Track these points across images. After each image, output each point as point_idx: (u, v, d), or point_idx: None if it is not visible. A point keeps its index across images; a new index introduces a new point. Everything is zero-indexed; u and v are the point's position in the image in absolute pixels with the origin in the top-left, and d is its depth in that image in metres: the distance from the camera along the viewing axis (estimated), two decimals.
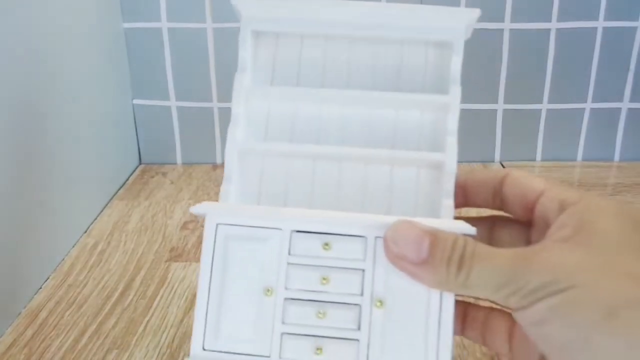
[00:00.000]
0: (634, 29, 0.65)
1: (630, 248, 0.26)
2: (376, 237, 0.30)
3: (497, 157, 0.70)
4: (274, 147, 0.33)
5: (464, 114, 0.75)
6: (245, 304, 0.30)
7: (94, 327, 0.42)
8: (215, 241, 0.31)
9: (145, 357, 0.39)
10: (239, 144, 0.33)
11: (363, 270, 0.30)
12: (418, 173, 0.33)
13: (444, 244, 0.27)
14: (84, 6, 0.57)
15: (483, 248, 0.27)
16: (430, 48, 0.35)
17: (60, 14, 0.51)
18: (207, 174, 0.68)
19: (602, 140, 0.70)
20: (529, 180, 0.32)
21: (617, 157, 0.70)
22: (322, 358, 0.29)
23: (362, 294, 0.29)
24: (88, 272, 0.49)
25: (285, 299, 0.30)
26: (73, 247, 0.53)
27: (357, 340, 0.29)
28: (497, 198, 0.33)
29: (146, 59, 0.67)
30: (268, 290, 0.30)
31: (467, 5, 0.64)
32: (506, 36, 0.65)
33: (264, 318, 0.30)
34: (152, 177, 0.67)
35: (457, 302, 0.29)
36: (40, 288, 0.47)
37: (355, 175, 0.33)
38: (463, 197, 0.33)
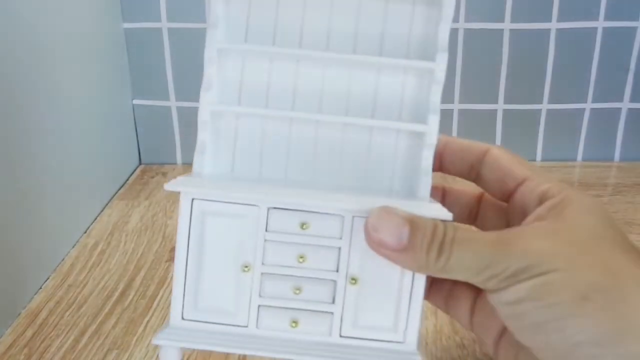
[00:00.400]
0: (634, 29, 0.65)
1: (605, 241, 0.28)
2: (353, 217, 0.30)
3: None
4: (248, 110, 0.32)
5: (463, 114, 0.75)
6: (223, 278, 0.30)
7: (94, 327, 0.42)
8: (191, 216, 0.30)
9: (145, 357, 0.39)
10: (211, 106, 0.32)
11: (339, 248, 0.30)
12: (397, 142, 0.33)
13: (424, 231, 0.27)
14: (84, 6, 0.57)
15: (463, 233, 0.28)
16: (417, 7, 0.32)
17: (60, 14, 0.51)
18: None
19: (602, 141, 0.70)
20: (510, 164, 0.32)
21: (617, 157, 0.70)
22: (297, 330, 0.30)
23: (337, 271, 0.30)
24: (88, 272, 0.49)
25: (262, 273, 0.30)
26: (73, 247, 0.53)
27: (332, 313, 0.30)
28: (474, 172, 0.34)
29: (146, 59, 0.67)
30: (246, 267, 0.30)
31: (467, 7, 0.63)
32: (506, 36, 0.65)
33: (242, 292, 0.30)
34: (152, 177, 0.67)
35: None
36: (40, 288, 0.47)
37: (332, 143, 0.33)
38: (438, 163, 0.34)
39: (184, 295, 0.30)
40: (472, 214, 0.36)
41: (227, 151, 0.34)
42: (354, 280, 0.30)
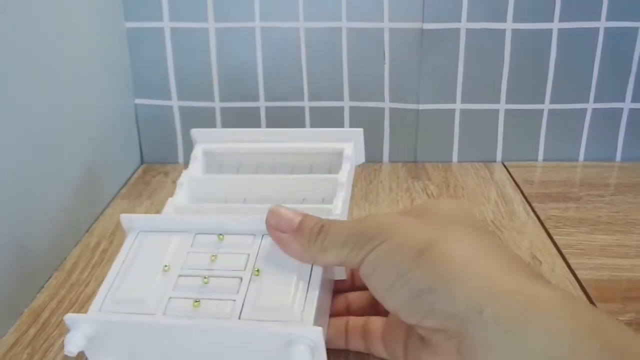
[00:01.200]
0: (636, 29, 0.65)
1: (443, 215, 0.36)
2: (263, 235, 0.37)
3: (499, 157, 0.70)
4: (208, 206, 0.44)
5: (465, 114, 0.76)
6: (144, 278, 0.36)
7: None
8: (134, 241, 0.38)
9: None
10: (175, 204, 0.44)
11: (248, 255, 0.36)
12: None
13: (311, 220, 0.35)
14: (86, 6, 0.57)
15: (337, 222, 0.34)
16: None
17: (62, 13, 0.51)
18: None
19: (604, 141, 0.70)
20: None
21: (618, 157, 0.70)
22: (199, 311, 0.34)
23: (244, 269, 0.36)
24: (91, 271, 0.49)
25: (179, 275, 0.36)
26: (75, 246, 0.53)
27: (234, 300, 0.34)
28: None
29: (148, 59, 0.67)
30: (166, 266, 0.36)
31: (469, 6, 0.64)
32: (508, 36, 0.65)
33: (158, 288, 0.35)
34: (154, 176, 0.67)
35: (336, 320, 0.38)
36: (43, 287, 0.47)
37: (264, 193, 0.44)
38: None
39: (106, 294, 0.35)
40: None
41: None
42: (257, 271, 0.35)
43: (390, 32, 0.65)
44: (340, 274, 0.40)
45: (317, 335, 0.31)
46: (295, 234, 0.34)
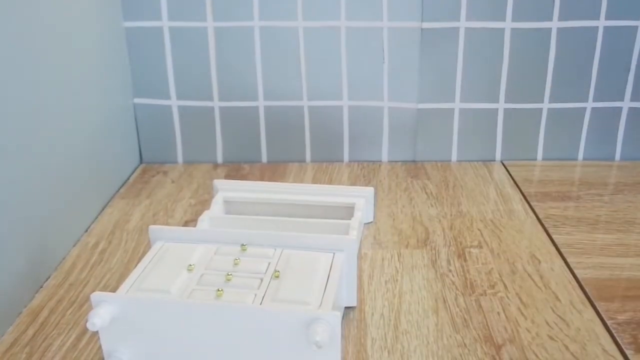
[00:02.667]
0: (635, 28, 0.65)
1: None
2: (283, 249, 0.40)
3: (498, 156, 0.70)
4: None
5: (464, 113, 0.76)
6: (169, 274, 0.37)
7: None
8: (160, 248, 0.41)
9: None
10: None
11: (269, 262, 0.39)
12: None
13: None
14: (85, 5, 0.57)
15: None
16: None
17: (61, 13, 0.51)
18: (208, 172, 0.68)
19: (603, 140, 0.70)
20: None
21: (618, 156, 0.70)
22: (222, 298, 0.35)
23: (265, 273, 0.38)
24: (89, 271, 0.49)
25: (203, 274, 0.38)
26: (74, 246, 0.53)
27: (255, 294, 0.36)
28: None
29: (147, 58, 0.67)
30: (190, 266, 0.38)
31: (468, 6, 0.64)
32: (507, 35, 0.65)
33: (182, 282, 0.37)
34: (153, 176, 0.67)
35: None
36: (42, 287, 0.47)
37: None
38: None
39: (132, 283, 0.37)
40: None
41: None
42: (277, 272, 0.37)
43: (389, 31, 0.65)
44: (351, 301, 0.42)
45: (335, 319, 0.32)
46: None
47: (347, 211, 0.49)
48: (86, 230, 0.55)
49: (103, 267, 0.49)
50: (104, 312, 0.33)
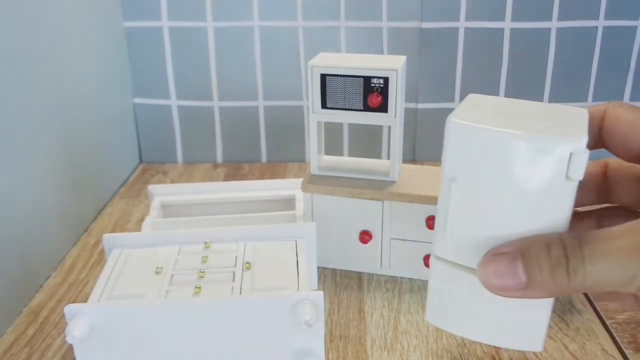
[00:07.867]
0: (634, 28, 0.65)
1: None
2: (246, 242, 0.40)
3: None
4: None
5: None
6: (138, 279, 0.37)
7: None
8: (119, 255, 0.40)
9: None
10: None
11: (236, 256, 0.39)
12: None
13: (537, 260, 0.24)
14: (85, 5, 0.57)
15: (591, 248, 0.24)
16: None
17: (61, 13, 0.51)
18: (208, 172, 0.68)
19: None
20: (632, 125, 0.29)
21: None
22: (201, 294, 0.35)
23: (235, 266, 0.38)
24: (89, 270, 0.49)
25: (173, 275, 0.37)
26: (74, 245, 0.53)
27: (232, 287, 0.36)
28: (596, 140, 0.32)
29: (147, 58, 0.67)
30: (158, 268, 0.38)
31: (468, 5, 0.64)
32: (506, 35, 0.65)
33: (154, 285, 0.37)
34: (153, 176, 0.67)
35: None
36: (42, 287, 0.47)
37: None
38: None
39: (102, 293, 0.36)
40: (601, 193, 0.33)
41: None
42: (248, 264, 0.38)
43: (388, 31, 0.65)
44: (314, 284, 0.43)
45: (320, 298, 0.33)
46: (532, 287, 0.25)
47: (287, 203, 0.50)
48: (86, 230, 0.55)
49: (103, 267, 0.49)
50: (82, 323, 0.32)
